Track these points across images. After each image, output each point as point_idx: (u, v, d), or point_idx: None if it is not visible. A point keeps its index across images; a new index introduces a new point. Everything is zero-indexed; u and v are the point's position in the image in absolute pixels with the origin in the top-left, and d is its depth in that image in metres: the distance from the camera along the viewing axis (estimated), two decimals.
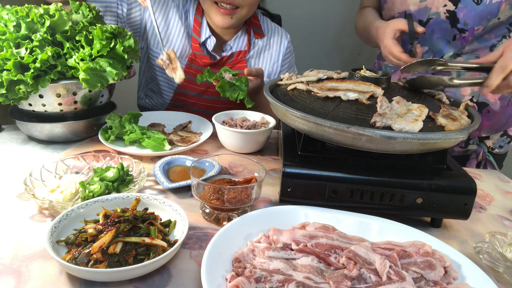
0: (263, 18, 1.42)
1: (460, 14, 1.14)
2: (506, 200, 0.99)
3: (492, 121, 1.24)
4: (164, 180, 0.87)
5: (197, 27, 1.29)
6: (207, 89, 1.34)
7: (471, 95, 1.21)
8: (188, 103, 1.37)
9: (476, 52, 1.17)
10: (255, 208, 0.78)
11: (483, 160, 1.29)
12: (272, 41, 1.39)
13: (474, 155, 1.31)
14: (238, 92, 1.10)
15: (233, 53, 1.33)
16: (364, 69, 0.93)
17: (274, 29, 1.41)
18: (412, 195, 0.76)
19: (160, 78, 1.36)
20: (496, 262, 0.70)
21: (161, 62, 0.94)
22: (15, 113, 1.09)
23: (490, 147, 1.31)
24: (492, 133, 1.30)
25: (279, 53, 1.40)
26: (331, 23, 2.41)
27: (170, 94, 1.37)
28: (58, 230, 0.65)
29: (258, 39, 1.37)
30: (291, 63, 1.45)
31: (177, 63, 0.94)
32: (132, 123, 1.08)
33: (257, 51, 1.37)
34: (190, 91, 1.35)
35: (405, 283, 0.58)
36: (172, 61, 0.93)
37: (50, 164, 0.86)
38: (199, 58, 1.30)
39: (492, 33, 1.15)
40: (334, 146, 0.84)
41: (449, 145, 0.76)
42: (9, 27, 0.96)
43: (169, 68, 0.93)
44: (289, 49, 1.43)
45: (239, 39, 1.34)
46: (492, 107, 1.22)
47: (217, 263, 0.60)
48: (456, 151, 1.33)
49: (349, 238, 0.69)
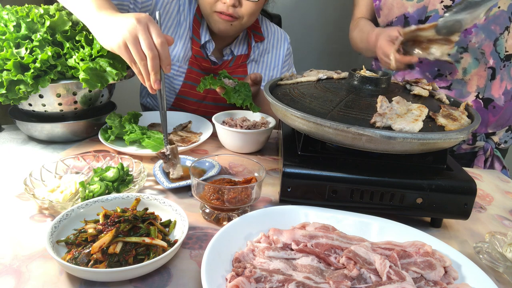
0: (263, 20, 1.40)
1: None
2: (506, 200, 0.99)
3: (498, 116, 1.24)
4: (164, 180, 0.87)
5: (197, 28, 1.27)
6: (207, 95, 1.32)
7: (477, 91, 1.21)
8: (189, 109, 1.34)
9: (482, 47, 1.17)
10: (255, 208, 0.78)
11: (491, 156, 1.29)
12: (273, 45, 1.39)
13: (482, 152, 1.30)
14: (244, 98, 1.10)
15: (233, 57, 1.32)
16: (364, 69, 0.93)
17: (274, 31, 1.40)
18: (412, 195, 0.76)
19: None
20: (496, 262, 0.70)
21: (161, 156, 0.88)
22: (15, 113, 1.09)
23: (497, 143, 1.32)
24: (498, 129, 1.30)
25: (279, 57, 1.39)
26: (331, 23, 2.41)
27: (171, 99, 1.35)
28: (58, 230, 0.65)
29: (259, 43, 1.36)
30: (290, 64, 1.45)
31: (178, 159, 0.89)
32: (132, 123, 1.08)
33: (257, 55, 1.36)
34: (191, 97, 1.33)
35: (405, 283, 0.58)
36: (174, 156, 0.88)
37: (50, 164, 0.86)
38: (199, 62, 1.29)
39: (497, 24, 1.15)
40: (334, 146, 0.84)
41: (449, 145, 0.76)
42: (9, 27, 0.96)
43: (168, 163, 0.89)
44: (289, 51, 1.43)
45: (239, 44, 1.33)
46: (497, 102, 1.22)
47: (217, 263, 0.60)
48: (464, 148, 1.33)
49: (349, 238, 0.69)
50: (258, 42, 1.35)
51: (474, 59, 1.17)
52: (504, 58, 1.18)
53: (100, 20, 0.88)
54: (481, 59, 1.17)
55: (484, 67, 1.18)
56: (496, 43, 1.16)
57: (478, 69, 1.18)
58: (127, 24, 0.82)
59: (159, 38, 0.82)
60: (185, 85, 1.31)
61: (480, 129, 1.28)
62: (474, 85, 1.20)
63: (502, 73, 1.20)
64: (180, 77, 1.30)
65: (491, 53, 1.17)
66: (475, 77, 1.19)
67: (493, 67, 1.18)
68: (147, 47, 0.82)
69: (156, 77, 0.85)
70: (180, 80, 1.30)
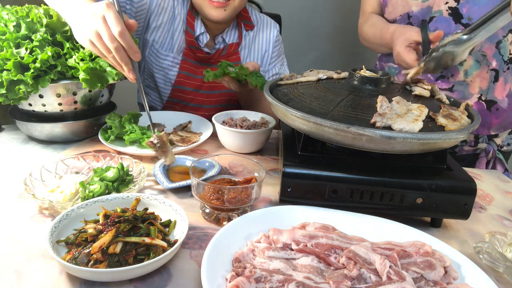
0: (252, 10, 1.45)
1: (463, 9, 1.13)
2: (506, 200, 0.99)
3: (501, 118, 1.24)
4: (164, 180, 0.87)
5: (192, 21, 1.31)
6: (203, 84, 1.36)
7: (480, 93, 1.21)
8: (186, 99, 1.38)
9: (483, 49, 1.17)
10: (255, 208, 0.78)
11: (493, 158, 1.29)
12: (262, 31, 1.42)
13: (484, 154, 1.30)
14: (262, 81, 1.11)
15: (226, 45, 1.35)
16: (364, 69, 0.93)
17: (262, 19, 1.44)
18: (412, 195, 0.76)
19: (157, 75, 1.36)
20: (496, 262, 0.70)
21: (150, 145, 0.89)
22: (15, 113, 1.09)
23: (499, 145, 1.31)
24: (501, 131, 1.29)
25: (269, 43, 1.43)
26: (331, 23, 2.41)
27: (167, 90, 1.38)
28: (58, 230, 0.65)
29: (249, 31, 1.40)
30: (279, 52, 1.47)
31: (168, 146, 0.91)
32: (132, 123, 1.08)
33: (248, 42, 1.40)
34: (187, 87, 1.37)
35: (405, 283, 0.58)
36: (163, 145, 0.89)
37: (50, 164, 0.86)
38: (194, 52, 1.32)
39: None
40: (334, 146, 0.84)
41: (449, 145, 0.76)
42: (9, 27, 0.96)
43: (158, 151, 0.89)
44: (278, 38, 1.46)
45: (231, 32, 1.36)
46: (501, 104, 1.21)
47: (217, 263, 0.60)
48: (466, 150, 1.32)
49: (349, 238, 0.69)
50: (249, 30, 1.40)
51: (475, 61, 1.17)
52: (507, 61, 1.18)
53: (70, 17, 0.91)
54: (483, 61, 1.17)
55: (487, 69, 1.18)
56: (499, 45, 1.15)
57: (480, 71, 1.18)
58: (87, 20, 0.83)
59: (116, 27, 0.81)
60: (180, 75, 1.35)
61: (483, 131, 1.28)
62: (476, 87, 1.20)
63: (506, 76, 1.19)
64: (175, 67, 1.34)
65: (494, 55, 1.16)
66: (477, 79, 1.19)
67: (496, 69, 1.18)
68: (108, 39, 0.82)
69: (128, 67, 0.86)
70: (175, 71, 1.34)
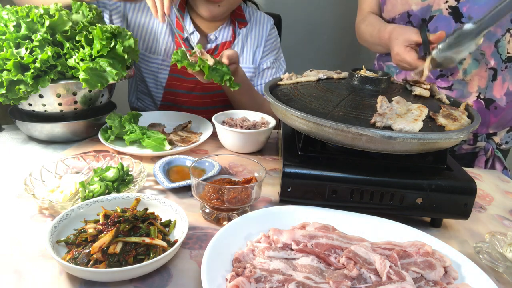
0: (246, 7, 1.43)
1: (463, 8, 1.13)
2: (506, 200, 0.99)
3: (499, 117, 1.24)
4: (164, 180, 0.87)
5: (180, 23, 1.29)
6: (196, 86, 1.34)
7: (478, 92, 1.21)
8: (179, 101, 1.37)
9: (481, 48, 1.17)
10: (255, 208, 0.78)
11: (492, 157, 1.29)
12: (255, 26, 1.41)
13: (482, 152, 1.30)
14: (222, 74, 1.06)
15: (217, 45, 1.34)
16: (364, 69, 0.93)
17: (256, 15, 1.43)
18: (412, 195, 0.76)
19: (148, 80, 1.36)
20: (496, 262, 0.70)
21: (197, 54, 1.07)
22: (15, 113, 1.09)
23: (498, 143, 1.31)
24: (499, 129, 1.29)
25: (262, 37, 1.41)
26: (331, 23, 2.41)
27: (159, 94, 1.37)
28: (58, 230, 0.65)
29: (242, 28, 1.38)
30: (273, 46, 1.45)
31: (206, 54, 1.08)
32: (132, 123, 1.08)
33: (241, 39, 1.38)
34: (179, 89, 1.35)
35: (405, 283, 0.58)
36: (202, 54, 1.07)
37: (50, 164, 0.86)
38: None
39: (498, 25, 1.14)
40: (334, 146, 0.84)
41: (449, 145, 0.76)
42: (9, 27, 0.96)
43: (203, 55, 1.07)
44: (272, 32, 1.44)
45: (223, 30, 1.35)
46: (499, 103, 1.21)
47: (217, 263, 0.60)
48: (464, 149, 1.33)
49: (349, 238, 0.69)
50: (242, 28, 1.38)
51: (474, 60, 1.17)
52: (506, 60, 1.18)
53: None
54: (481, 60, 1.17)
55: (485, 67, 1.18)
56: (497, 44, 1.16)
57: (479, 69, 1.18)
58: None
59: None
60: (171, 78, 1.34)
61: (481, 130, 1.28)
62: (475, 85, 1.20)
63: (504, 74, 1.20)
64: (165, 70, 1.33)
65: (492, 54, 1.16)
66: (475, 77, 1.19)
67: (495, 68, 1.18)
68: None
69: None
70: (165, 74, 1.33)
